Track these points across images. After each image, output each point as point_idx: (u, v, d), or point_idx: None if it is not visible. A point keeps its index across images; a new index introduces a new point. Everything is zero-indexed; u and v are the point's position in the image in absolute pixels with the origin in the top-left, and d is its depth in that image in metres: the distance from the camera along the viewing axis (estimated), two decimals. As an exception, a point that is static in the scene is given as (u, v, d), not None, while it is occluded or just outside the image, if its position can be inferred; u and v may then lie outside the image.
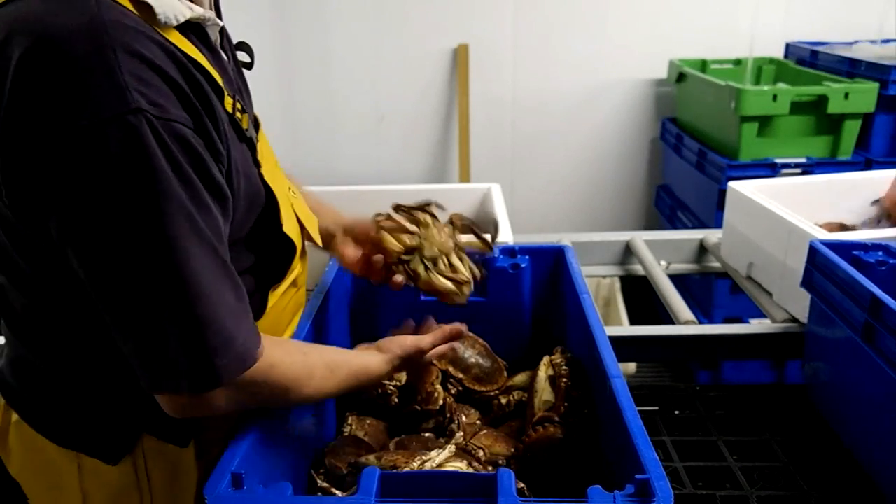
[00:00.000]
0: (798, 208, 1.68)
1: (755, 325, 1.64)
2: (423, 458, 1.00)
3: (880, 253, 1.41)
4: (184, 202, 0.77)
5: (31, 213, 0.79)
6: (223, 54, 0.97)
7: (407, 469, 0.97)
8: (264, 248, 1.01)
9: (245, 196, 0.92)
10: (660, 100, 3.32)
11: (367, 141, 3.31)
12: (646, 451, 0.80)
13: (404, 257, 1.18)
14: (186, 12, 0.84)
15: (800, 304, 1.56)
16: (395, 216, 1.22)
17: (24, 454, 1.03)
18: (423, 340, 1.11)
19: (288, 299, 1.11)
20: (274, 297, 1.05)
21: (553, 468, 1.10)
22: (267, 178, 0.98)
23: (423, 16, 3.21)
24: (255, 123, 1.04)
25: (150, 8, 0.80)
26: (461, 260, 1.22)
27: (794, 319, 1.59)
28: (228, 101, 0.90)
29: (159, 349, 0.79)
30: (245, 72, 1.08)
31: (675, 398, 1.51)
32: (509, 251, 1.41)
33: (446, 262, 1.20)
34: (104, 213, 0.74)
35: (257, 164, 0.97)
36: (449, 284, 1.18)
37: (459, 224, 1.26)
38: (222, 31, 0.99)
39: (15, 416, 1.01)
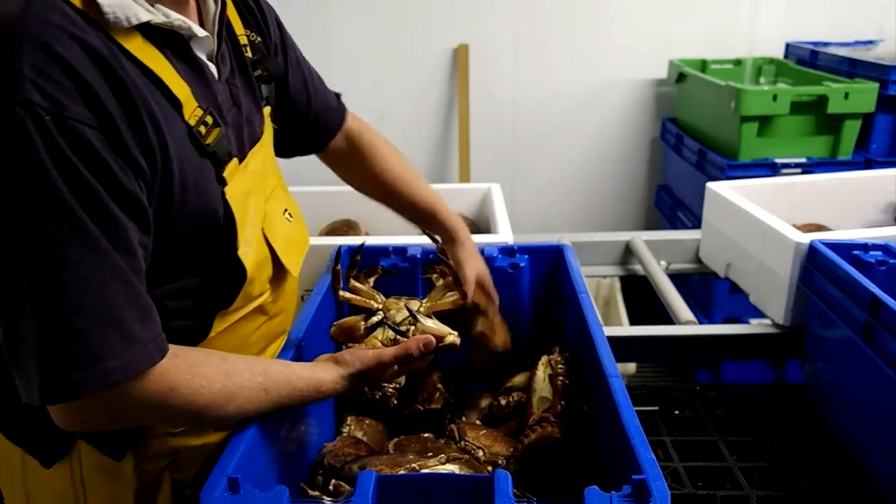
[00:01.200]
0: (778, 209, 1.68)
1: (755, 325, 1.64)
2: (410, 466, 0.99)
3: (880, 252, 1.41)
4: (66, 204, 0.73)
5: None
6: (210, 67, 0.94)
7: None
8: (215, 269, 0.95)
9: (196, 211, 0.89)
10: (660, 100, 3.32)
11: (366, 141, 3.31)
12: (643, 452, 0.80)
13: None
14: (143, 15, 0.81)
15: (776, 304, 1.56)
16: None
17: None
18: (385, 353, 1.01)
19: (252, 328, 1.05)
20: (223, 323, 0.99)
21: (551, 468, 1.09)
22: (234, 197, 0.94)
23: (423, 16, 3.21)
24: (254, 139, 1.01)
25: (96, 7, 0.78)
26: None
27: (774, 324, 1.59)
28: (193, 112, 0.87)
29: (21, 353, 0.76)
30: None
31: (675, 398, 1.51)
32: (508, 250, 1.40)
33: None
34: None
35: (221, 182, 0.93)
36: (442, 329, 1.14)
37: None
38: (237, 45, 0.98)
39: None
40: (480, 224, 2.10)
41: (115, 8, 0.79)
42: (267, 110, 1.10)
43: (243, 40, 1.05)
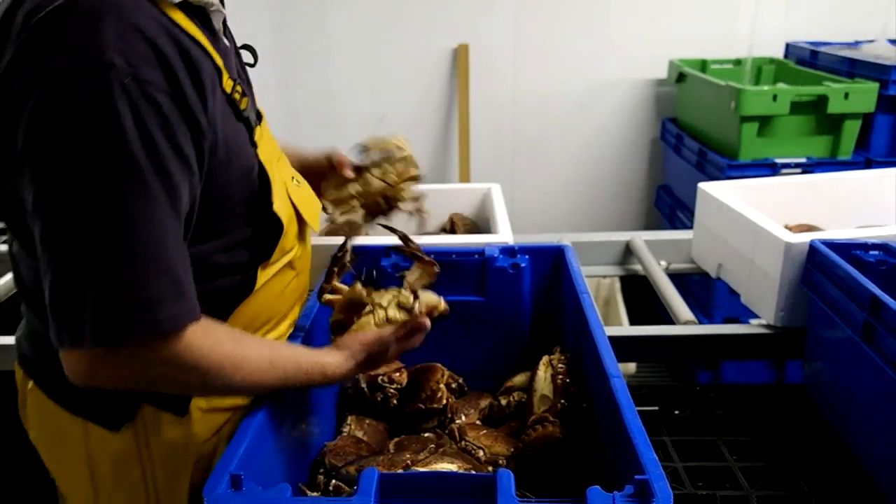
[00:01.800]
0: (775, 210, 1.69)
1: (755, 325, 1.64)
2: (405, 464, 1.00)
3: (880, 252, 1.41)
4: (140, 162, 0.79)
5: (11, 163, 0.83)
6: (225, 41, 1.01)
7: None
8: (256, 224, 1.04)
9: (237, 169, 0.96)
10: (660, 100, 3.32)
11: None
12: (645, 452, 0.80)
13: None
14: None
15: (767, 305, 1.56)
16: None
17: (39, 421, 1.09)
18: (385, 332, 1.05)
19: (285, 283, 1.12)
20: (265, 276, 1.07)
21: (552, 468, 1.09)
22: (264, 159, 1.03)
23: (423, 16, 3.21)
24: (258, 115, 1.08)
25: None
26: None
27: (768, 324, 1.59)
28: (228, 81, 0.94)
29: (75, 297, 0.80)
30: (248, 70, 1.13)
31: (675, 398, 1.51)
32: (509, 251, 1.41)
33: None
34: (61, 158, 0.78)
35: (254, 145, 1.02)
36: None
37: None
38: (226, 25, 1.04)
39: (31, 384, 1.06)
40: (480, 224, 2.09)
41: None
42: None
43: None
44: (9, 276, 1.83)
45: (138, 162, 0.79)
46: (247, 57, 1.12)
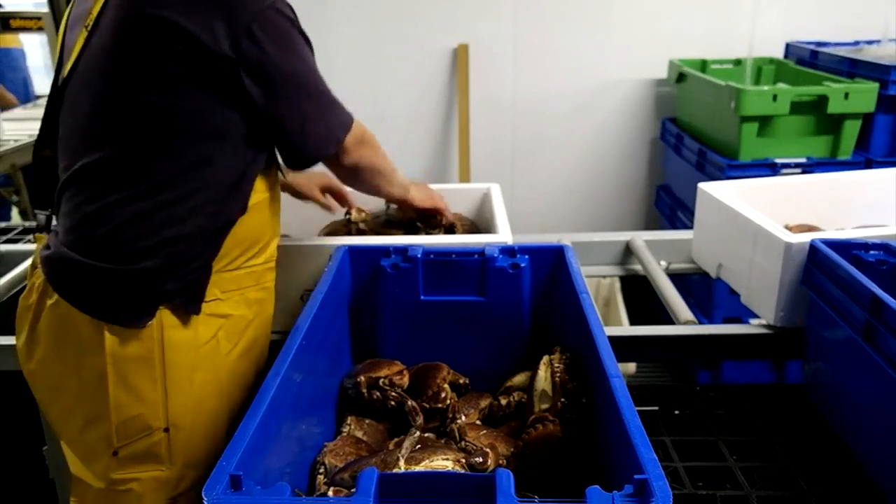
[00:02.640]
0: (775, 210, 1.68)
1: (755, 325, 1.64)
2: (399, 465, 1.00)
3: (881, 252, 1.41)
4: (311, 50, 1.35)
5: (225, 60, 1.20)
6: None
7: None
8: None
9: None
10: (660, 100, 3.32)
11: (366, 141, 3.31)
12: (644, 451, 0.80)
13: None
14: None
15: (767, 304, 1.56)
16: None
17: (51, 337, 1.24)
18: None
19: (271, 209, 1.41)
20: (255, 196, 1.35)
21: (552, 468, 1.09)
22: None
23: (423, 16, 3.21)
24: None
25: None
26: None
27: (766, 325, 1.59)
28: None
29: (329, 118, 1.34)
30: None
31: (675, 398, 1.51)
32: (509, 251, 1.40)
33: None
34: (287, 49, 1.27)
35: None
36: None
37: None
38: None
39: (50, 300, 1.22)
40: (480, 224, 2.09)
41: None
42: None
43: None
44: (9, 276, 1.83)
45: (311, 50, 1.37)
46: None
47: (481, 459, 1.06)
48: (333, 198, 1.81)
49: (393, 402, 1.30)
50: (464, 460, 1.06)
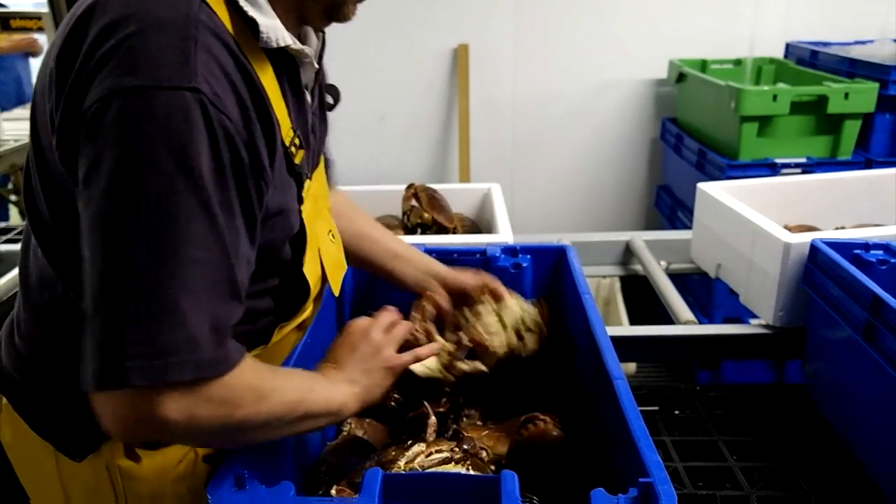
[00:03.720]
0: (774, 210, 1.69)
1: (755, 325, 1.64)
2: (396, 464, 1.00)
3: (881, 252, 1.41)
4: (207, 191, 0.75)
5: (68, 164, 0.79)
6: (307, 95, 0.99)
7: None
8: (284, 283, 0.99)
9: (281, 222, 0.92)
10: (660, 100, 3.32)
11: (367, 141, 3.31)
12: (649, 454, 0.80)
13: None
14: (288, 40, 0.88)
15: (766, 305, 1.56)
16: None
17: (13, 439, 1.04)
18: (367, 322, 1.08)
19: (290, 341, 1.08)
20: (278, 335, 1.03)
21: (553, 468, 1.10)
22: (307, 217, 0.98)
23: (423, 16, 3.21)
24: (316, 164, 1.06)
25: (253, 25, 0.84)
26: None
27: (766, 325, 1.59)
28: (287, 132, 0.91)
29: (121, 329, 0.73)
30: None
31: (675, 398, 1.51)
32: (511, 251, 1.41)
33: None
34: (127, 170, 0.73)
35: (300, 200, 0.97)
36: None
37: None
38: (318, 73, 1.04)
39: (5, 401, 1.02)
40: (480, 224, 2.10)
41: (269, 30, 0.85)
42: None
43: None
44: (8, 276, 1.83)
45: (207, 193, 0.75)
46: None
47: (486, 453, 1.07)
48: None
49: (393, 403, 1.30)
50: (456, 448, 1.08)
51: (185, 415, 0.76)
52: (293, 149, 0.92)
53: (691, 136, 2.95)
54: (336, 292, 1.14)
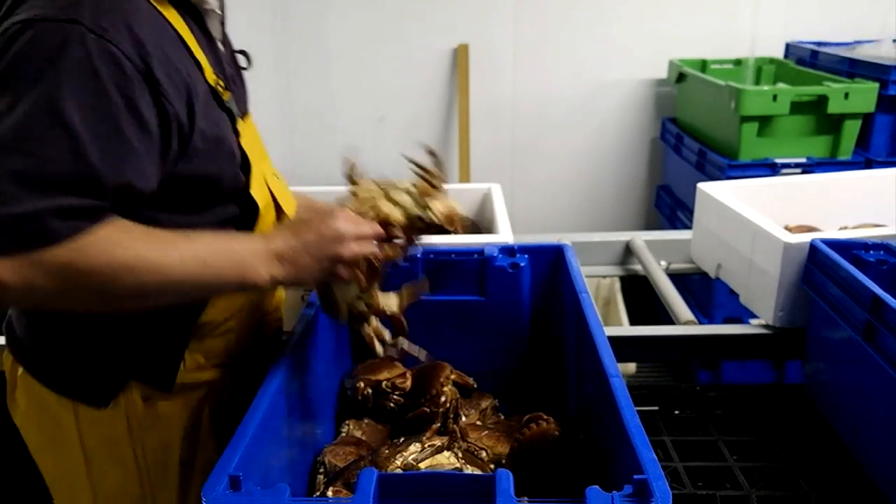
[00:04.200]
0: (774, 210, 1.68)
1: (755, 326, 1.64)
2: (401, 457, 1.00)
3: (881, 252, 1.41)
4: (80, 96, 0.84)
5: None
6: (219, 44, 1.11)
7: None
8: (239, 206, 1.09)
9: (222, 152, 1.03)
10: (660, 100, 3.32)
11: (367, 141, 3.31)
12: (644, 451, 0.80)
13: None
14: None
15: (766, 305, 1.56)
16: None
17: (28, 407, 1.12)
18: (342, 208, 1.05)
19: None
20: None
21: (550, 467, 1.09)
22: (246, 146, 1.09)
23: (423, 16, 3.21)
24: (242, 113, 1.14)
25: None
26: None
27: (766, 325, 1.59)
28: (211, 74, 1.03)
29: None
30: (245, 73, 1.21)
31: (675, 398, 1.51)
32: (509, 250, 1.40)
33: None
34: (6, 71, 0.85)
35: (236, 133, 1.08)
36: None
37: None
38: (225, 33, 1.15)
39: (21, 370, 1.11)
40: (480, 224, 2.09)
41: None
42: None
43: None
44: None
45: (79, 97, 0.85)
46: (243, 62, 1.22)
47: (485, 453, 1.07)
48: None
49: (393, 405, 1.30)
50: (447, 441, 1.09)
51: (21, 279, 0.83)
52: (219, 88, 1.04)
53: (691, 136, 2.95)
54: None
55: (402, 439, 1.15)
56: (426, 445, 1.08)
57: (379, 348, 1.11)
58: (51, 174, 0.83)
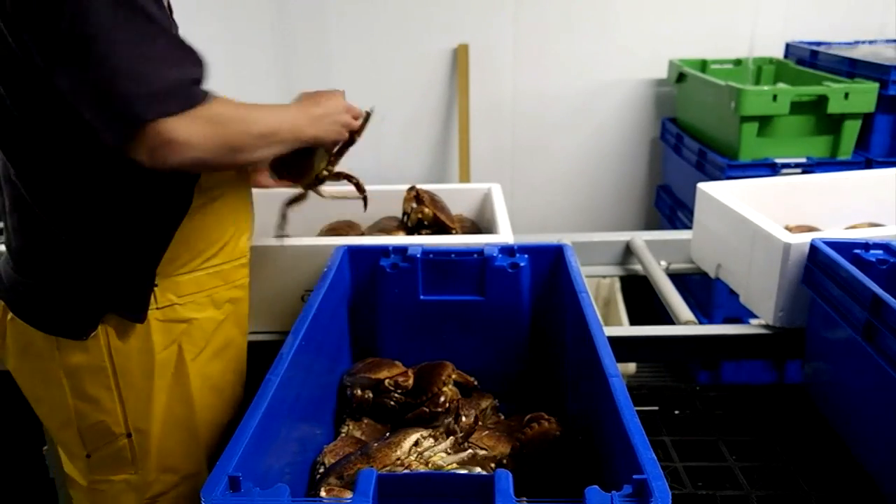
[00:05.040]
0: (775, 210, 1.68)
1: (755, 326, 1.63)
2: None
3: (881, 251, 1.40)
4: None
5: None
6: None
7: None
8: None
9: None
10: (660, 100, 3.32)
11: (367, 141, 3.30)
12: (643, 451, 0.80)
13: None
14: None
15: (766, 305, 1.56)
16: None
17: (17, 349, 1.23)
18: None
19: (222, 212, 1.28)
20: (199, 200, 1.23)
21: (550, 467, 1.09)
22: None
23: (423, 16, 3.21)
24: None
25: None
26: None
27: (766, 325, 1.59)
28: None
29: (125, 89, 0.98)
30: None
31: (675, 398, 1.51)
32: (508, 250, 1.40)
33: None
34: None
35: None
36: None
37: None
38: None
39: (10, 315, 1.21)
40: (480, 224, 2.09)
41: None
42: None
43: None
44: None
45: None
46: None
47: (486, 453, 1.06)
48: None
49: (393, 403, 1.30)
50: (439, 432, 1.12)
51: (188, 133, 1.03)
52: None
53: (691, 136, 2.95)
54: None
55: (388, 434, 1.16)
56: (420, 437, 1.09)
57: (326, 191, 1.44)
58: (178, 54, 1.04)
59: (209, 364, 1.29)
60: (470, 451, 1.13)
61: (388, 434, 1.18)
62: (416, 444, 1.13)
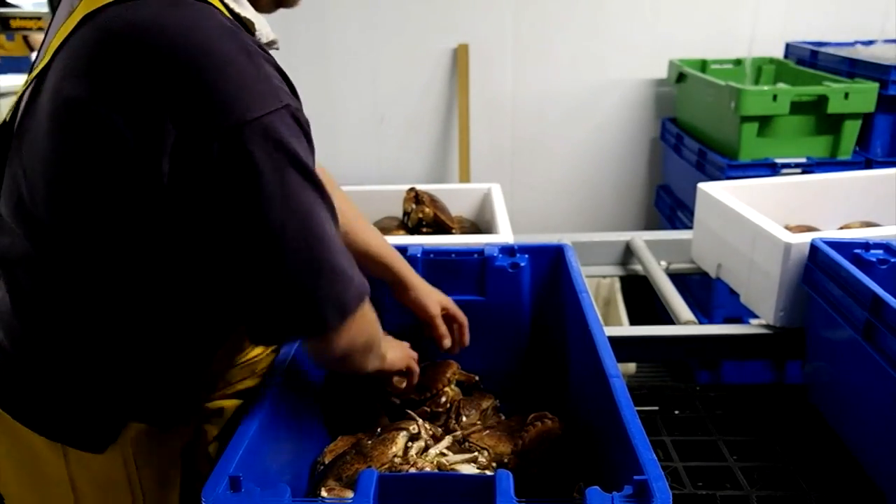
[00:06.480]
0: (775, 210, 1.68)
1: (755, 326, 1.64)
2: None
3: (881, 251, 1.40)
4: (311, 172, 0.91)
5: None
6: None
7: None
8: None
9: None
10: (660, 100, 3.32)
11: (367, 141, 3.31)
12: (644, 452, 0.80)
13: None
14: (272, 35, 1.04)
15: (766, 305, 1.56)
16: None
17: (8, 448, 1.02)
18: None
19: None
20: None
21: (551, 467, 1.09)
22: None
23: (423, 16, 3.20)
24: None
25: (250, 25, 0.99)
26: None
27: (766, 325, 1.59)
28: None
29: (310, 292, 0.90)
30: None
31: (675, 398, 1.51)
32: (509, 250, 1.40)
33: None
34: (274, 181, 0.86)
35: None
36: None
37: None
38: None
39: None
40: (480, 224, 2.09)
41: (263, 28, 1.03)
42: None
43: None
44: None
45: (310, 174, 0.92)
46: None
47: (487, 453, 1.06)
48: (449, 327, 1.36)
49: (397, 400, 1.30)
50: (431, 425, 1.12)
51: (354, 332, 0.96)
52: None
53: (691, 136, 2.95)
54: None
55: (379, 430, 1.16)
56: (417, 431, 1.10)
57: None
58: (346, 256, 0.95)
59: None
60: (474, 452, 1.13)
61: (379, 430, 1.18)
62: (412, 440, 1.13)
